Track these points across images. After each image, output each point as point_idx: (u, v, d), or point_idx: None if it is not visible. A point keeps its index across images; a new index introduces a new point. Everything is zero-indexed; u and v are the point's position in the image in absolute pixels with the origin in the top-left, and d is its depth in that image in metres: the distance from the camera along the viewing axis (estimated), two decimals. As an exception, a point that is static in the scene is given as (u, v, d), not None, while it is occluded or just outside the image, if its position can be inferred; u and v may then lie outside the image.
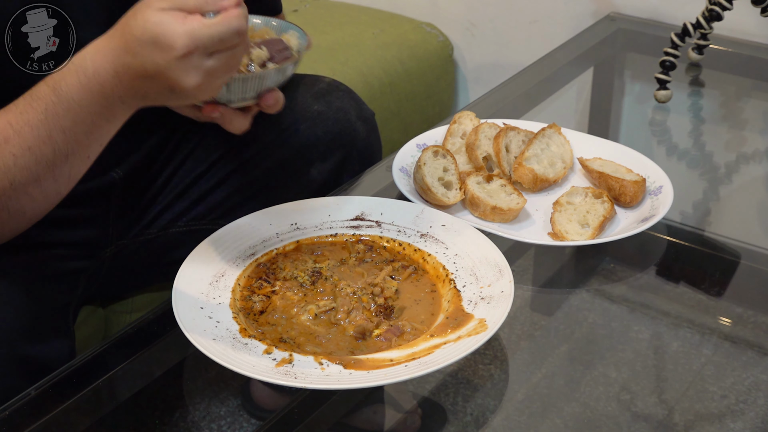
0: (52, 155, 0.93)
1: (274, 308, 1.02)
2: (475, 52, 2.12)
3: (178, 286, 1.01)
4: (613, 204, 1.16)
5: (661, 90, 1.54)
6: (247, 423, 0.95)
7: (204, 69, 0.88)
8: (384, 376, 0.90)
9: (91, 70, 0.91)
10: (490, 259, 1.05)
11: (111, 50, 0.90)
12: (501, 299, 0.99)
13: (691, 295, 1.12)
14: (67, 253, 1.15)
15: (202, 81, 0.88)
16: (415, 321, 1.00)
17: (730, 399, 0.95)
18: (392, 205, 1.16)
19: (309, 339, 0.98)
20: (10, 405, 0.93)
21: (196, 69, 0.87)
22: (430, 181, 1.17)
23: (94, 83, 0.91)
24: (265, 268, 1.08)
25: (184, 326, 0.95)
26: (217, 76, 0.90)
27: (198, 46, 0.86)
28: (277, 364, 0.92)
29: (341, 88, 1.32)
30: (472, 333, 0.95)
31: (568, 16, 1.94)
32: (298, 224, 1.13)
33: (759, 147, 1.48)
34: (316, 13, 2.10)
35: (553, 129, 1.29)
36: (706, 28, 1.55)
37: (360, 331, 0.98)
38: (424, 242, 1.10)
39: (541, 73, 1.66)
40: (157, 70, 0.88)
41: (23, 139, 0.92)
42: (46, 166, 0.94)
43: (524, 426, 0.94)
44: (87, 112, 0.92)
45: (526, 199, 1.18)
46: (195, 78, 0.88)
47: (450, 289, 1.03)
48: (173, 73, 0.87)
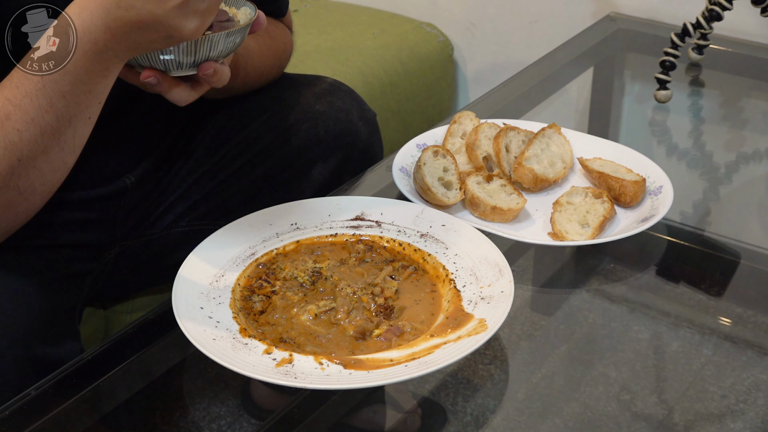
0: (56, 122, 0.93)
1: (274, 308, 1.02)
2: (475, 52, 2.12)
3: (178, 286, 1.01)
4: (613, 204, 1.16)
5: (661, 90, 1.54)
6: (247, 423, 0.95)
7: (200, 11, 0.87)
8: (384, 376, 0.90)
9: (83, 28, 0.90)
10: (490, 259, 1.05)
11: (99, 6, 0.89)
12: (501, 299, 0.99)
13: (691, 295, 1.12)
14: (75, 255, 1.15)
15: (200, 23, 0.88)
16: (415, 321, 1.00)
17: (730, 399, 0.95)
18: (392, 205, 1.16)
19: (309, 339, 0.98)
20: (11, 405, 0.93)
21: (194, 13, 0.87)
22: (430, 181, 1.17)
23: (86, 42, 0.90)
24: (265, 268, 1.08)
25: (184, 326, 0.95)
26: (210, 14, 0.89)
27: None
28: (277, 364, 0.92)
29: (343, 88, 1.32)
30: (472, 333, 0.95)
31: (568, 16, 1.94)
32: (298, 224, 1.13)
33: (759, 147, 1.48)
34: (316, 13, 2.10)
35: (553, 129, 1.29)
36: (706, 28, 1.55)
37: (360, 331, 0.98)
38: (424, 242, 1.10)
39: (541, 73, 1.66)
40: (154, 19, 0.87)
41: (24, 112, 0.91)
42: (51, 134, 0.93)
43: (524, 426, 0.94)
44: (84, 71, 0.91)
45: (526, 199, 1.18)
46: (194, 22, 0.87)
47: (450, 289, 1.03)
48: (173, 21, 0.87)
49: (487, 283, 1.02)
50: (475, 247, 1.08)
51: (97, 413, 0.96)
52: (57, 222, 1.11)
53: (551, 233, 1.14)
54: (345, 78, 1.76)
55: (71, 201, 1.14)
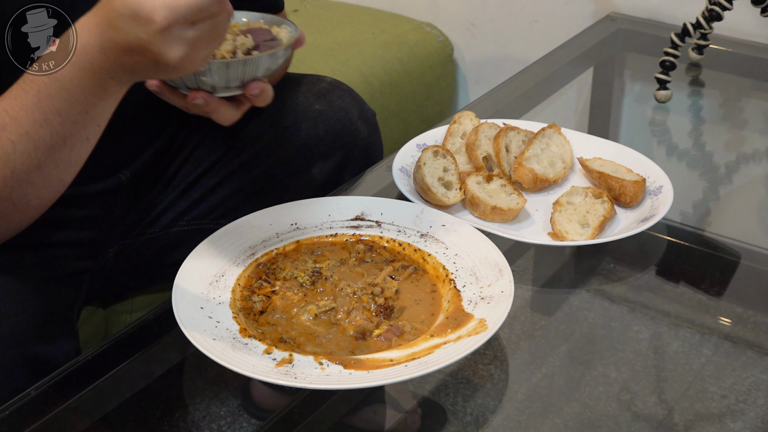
0: (50, 138, 0.92)
1: (274, 308, 1.02)
2: (475, 52, 2.12)
3: (178, 286, 1.01)
4: (613, 204, 1.16)
5: (661, 90, 1.54)
6: (247, 423, 0.95)
7: (186, 40, 0.86)
8: (384, 376, 0.90)
9: (79, 47, 0.90)
10: (490, 259, 1.05)
11: (95, 26, 0.89)
12: (501, 299, 0.99)
13: (691, 295, 1.12)
14: (72, 253, 1.15)
15: (186, 52, 0.86)
16: (415, 321, 1.00)
17: (730, 399, 0.95)
18: (392, 205, 1.16)
19: (309, 339, 0.98)
20: (10, 405, 0.93)
21: (178, 40, 0.86)
22: (430, 181, 1.17)
23: (83, 60, 0.90)
24: (265, 268, 1.08)
25: (184, 326, 0.95)
26: (202, 47, 0.88)
27: (177, 18, 0.84)
28: (277, 364, 0.92)
29: (343, 87, 1.32)
30: (472, 333, 0.95)
31: (568, 16, 1.94)
32: (298, 224, 1.13)
33: (759, 147, 1.48)
34: (316, 13, 2.10)
35: (553, 129, 1.29)
36: (706, 28, 1.55)
37: (360, 331, 0.98)
38: (424, 242, 1.10)
39: (541, 73, 1.66)
40: (139, 44, 0.86)
41: (19, 125, 0.91)
42: (46, 150, 0.93)
43: (524, 426, 0.94)
44: (79, 90, 0.91)
45: (526, 199, 1.18)
46: (178, 50, 0.86)
47: (450, 289, 1.03)
48: (156, 46, 0.86)
49: (487, 283, 1.02)
50: (475, 247, 1.08)
51: (97, 413, 0.96)
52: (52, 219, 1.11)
53: (551, 233, 1.14)
54: (345, 78, 1.76)
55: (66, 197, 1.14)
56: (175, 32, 0.85)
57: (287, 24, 1.06)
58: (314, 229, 1.13)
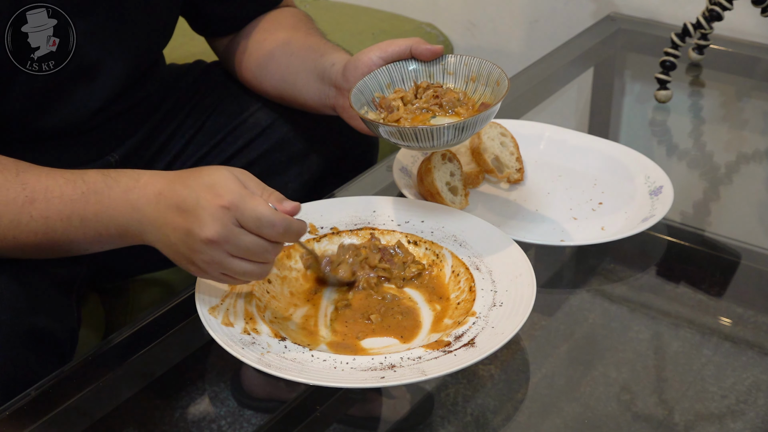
0: (61, 234, 0.96)
1: (277, 303, 1.02)
2: (475, 53, 2.11)
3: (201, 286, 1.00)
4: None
5: (661, 90, 1.54)
6: (247, 423, 0.95)
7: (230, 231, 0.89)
8: (383, 376, 0.90)
9: (143, 180, 0.94)
10: (509, 262, 1.04)
11: (166, 175, 0.94)
12: (519, 304, 0.97)
13: (691, 295, 1.12)
14: None
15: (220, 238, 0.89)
16: (422, 319, 1.00)
17: (730, 399, 0.95)
18: (392, 205, 1.15)
19: (309, 334, 0.98)
20: (10, 405, 0.93)
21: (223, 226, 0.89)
22: (440, 185, 1.16)
23: (136, 193, 0.94)
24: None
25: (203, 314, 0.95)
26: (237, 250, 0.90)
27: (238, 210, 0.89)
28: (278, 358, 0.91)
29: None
30: (481, 335, 0.94)
31: (568, 16, 1.94)
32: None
33: (759, 147, 1.48)
34: (316, 13, 2.09)
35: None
36: (706, 28, 1.55)
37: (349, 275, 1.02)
38: (431, 241, 1.10)
39: (541, 73, 1.66)
40: (193, 205, 0.90)
41: (46, 207, 0.95)
42: (51, 240, 0.97)
43: (524, 426, 0.94)
44: (110, 213, 0.95)
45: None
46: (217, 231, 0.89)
47: (462, 290, 1.03)
48: (201, 214, 0.89)
49: (504, 288, 1.01)
50: (494, 249, 1.06)
51: (97, 413, 0.96)
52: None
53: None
54: (345, 78, 1.75)
55: None
56: (226, 217, 0.89)
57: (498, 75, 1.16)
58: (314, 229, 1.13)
